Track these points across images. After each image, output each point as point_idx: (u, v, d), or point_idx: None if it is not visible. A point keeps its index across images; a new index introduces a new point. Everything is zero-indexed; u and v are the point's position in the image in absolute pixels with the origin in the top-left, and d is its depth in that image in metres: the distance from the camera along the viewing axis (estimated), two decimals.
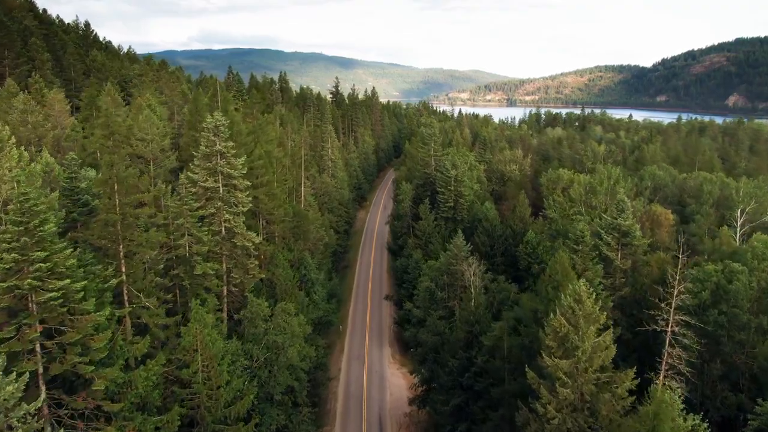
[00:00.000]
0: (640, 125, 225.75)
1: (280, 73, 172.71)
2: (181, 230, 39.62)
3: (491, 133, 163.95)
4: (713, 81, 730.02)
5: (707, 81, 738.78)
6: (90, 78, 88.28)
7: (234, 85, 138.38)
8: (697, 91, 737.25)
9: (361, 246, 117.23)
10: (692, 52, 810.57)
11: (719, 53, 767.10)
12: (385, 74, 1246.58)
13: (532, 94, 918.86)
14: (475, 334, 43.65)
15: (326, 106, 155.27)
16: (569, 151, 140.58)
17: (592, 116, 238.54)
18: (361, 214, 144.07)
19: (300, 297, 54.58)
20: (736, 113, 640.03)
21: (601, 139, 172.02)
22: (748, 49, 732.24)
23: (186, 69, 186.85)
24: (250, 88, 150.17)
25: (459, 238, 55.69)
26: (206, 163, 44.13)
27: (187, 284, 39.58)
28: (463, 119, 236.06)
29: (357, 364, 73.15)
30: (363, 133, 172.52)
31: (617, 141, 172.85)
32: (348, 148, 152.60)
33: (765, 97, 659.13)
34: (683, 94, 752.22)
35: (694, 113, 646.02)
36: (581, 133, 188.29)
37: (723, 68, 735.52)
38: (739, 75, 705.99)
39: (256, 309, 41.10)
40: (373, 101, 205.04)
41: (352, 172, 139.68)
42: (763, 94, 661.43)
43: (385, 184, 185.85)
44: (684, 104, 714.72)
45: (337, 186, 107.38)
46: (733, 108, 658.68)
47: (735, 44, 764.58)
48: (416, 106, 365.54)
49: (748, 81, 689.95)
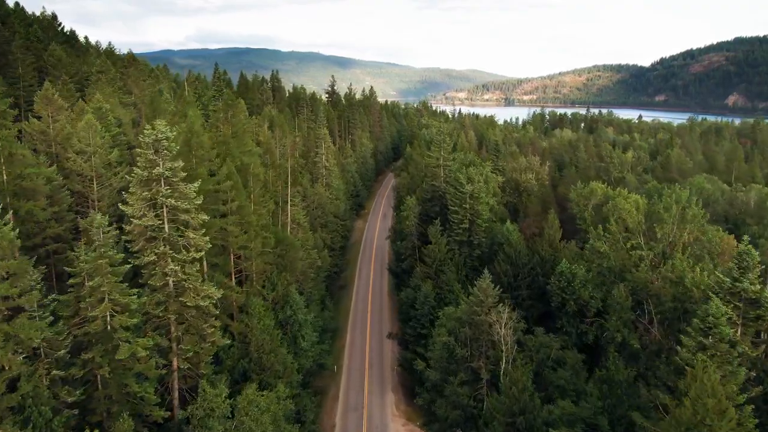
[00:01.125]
0: (651, 126, 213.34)
1: (273, 72, 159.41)
2: (96, 294, 26.71)
3: (498, 136, 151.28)
4: (712, 80, 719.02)
5: (706, 80, 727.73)
6: (48, 76, 75.38)
7: (219, 83, 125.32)
8: (696, 91, 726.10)
9: (359, 262, 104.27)
10: (691, 52, 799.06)
11: (718, 53, 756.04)
12: (383, 74, 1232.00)
13: (530, 93, 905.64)
14: (519, 429, 30.89)
15: (321, 107, 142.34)
16: (586, 155, 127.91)
17: (599, 117, 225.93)
18: (359, 223, 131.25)
19: (281, 357, 41.73)
20: (736, 113, 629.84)
21: (615, 142, 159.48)
22: (747, 48, 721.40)
23: (182, 68, 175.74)
24: (239, 87, 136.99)
25: (485, 281, 42.87)
26: (143, 191, 31.18)
27: (108, 374, 26.70)
28: (465, 120, 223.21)
29: (354, 416, 60.21)
30: (361, 136, 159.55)
31: (633, 144, 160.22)
32: (344, 152, 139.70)
33: (765, 97, 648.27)
34: (682, 93, 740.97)
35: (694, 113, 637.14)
36: (592, 135, 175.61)
37: (722, 67, 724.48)
38: (739, 74, 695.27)
39: (210, 404, 28.22)
40: (371, 101, 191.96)
41: (349, 178, 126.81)
42: (763, 94, 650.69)
43: (384, 189, 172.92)
44: (683, 104, 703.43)
45: (333, 196, 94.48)
46: (733, 107, 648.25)
47: (734, 43, 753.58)
48: (415, 106, 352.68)
49: (748, 80, 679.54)
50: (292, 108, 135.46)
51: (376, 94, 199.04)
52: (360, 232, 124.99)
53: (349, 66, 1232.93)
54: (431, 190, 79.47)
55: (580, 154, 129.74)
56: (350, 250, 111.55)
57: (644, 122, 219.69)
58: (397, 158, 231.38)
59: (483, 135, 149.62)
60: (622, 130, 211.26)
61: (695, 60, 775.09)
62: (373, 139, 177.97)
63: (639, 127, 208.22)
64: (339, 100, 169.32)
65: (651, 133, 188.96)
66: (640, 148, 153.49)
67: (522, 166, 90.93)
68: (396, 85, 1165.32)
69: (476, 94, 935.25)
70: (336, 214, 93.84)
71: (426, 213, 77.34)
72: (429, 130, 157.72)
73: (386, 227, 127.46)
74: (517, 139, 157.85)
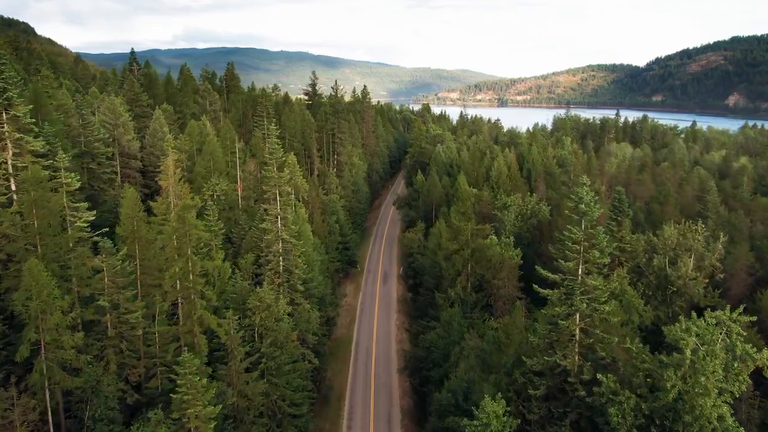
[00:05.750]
0: (707, 135, 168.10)
1: (228, 65, 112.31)
2: None
3: (538, 156, 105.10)
4: (711, 80, 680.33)
5: (705, 80, 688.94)
6: None
7: (131, 80, 78.22)
8: (695, 90, 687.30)
9: (348, 395, 57.56)
10: (687, 51, 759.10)
11: (715, 52, 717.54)
12: (373, 73, 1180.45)
13: (523, 93, 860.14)
14: None
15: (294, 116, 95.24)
16: (676, 191, 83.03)
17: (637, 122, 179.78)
18: (350, 293, 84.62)
19: None
20: (737, 113, 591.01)
21: (697, 162, 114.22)
22: (745, 47, 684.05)
23: (170, 68, 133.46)
24: (166, 87, 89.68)
25: None
26: None
27: None
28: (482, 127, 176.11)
29: None
30: (351, 153, 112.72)
31: (706, 163, 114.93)
32: (327, 181, 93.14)
33: (767, 97, 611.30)
34: (680, 93, 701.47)
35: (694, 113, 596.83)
36: (664, 150, 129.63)
37: (720, 67, 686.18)
38: (738, 74, 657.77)
39: None
40: (363, 104, 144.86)
41: (333, 226, 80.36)
42: (765, 94, 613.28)
43: (383, 221, 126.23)
44: (681, 104, 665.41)
45: (297, 311, 48.14)
46: (734, 108, 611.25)
47: (731, 43, 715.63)
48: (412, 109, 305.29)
49: (748, 80, 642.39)
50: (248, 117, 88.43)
51: (369, 95, 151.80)
52: (350, 312, 78.16)
53: (339, 66, 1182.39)
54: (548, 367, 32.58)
55: (667, 185, 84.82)
56: (335, 354, 64.98)
57: (693, 129, 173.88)
58: (396, 172, 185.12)
59: (523, 156, 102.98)
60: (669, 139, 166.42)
61: (692, 59, 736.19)
62: (367, 155, 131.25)
63: (697, 135, 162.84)
64: (321, 104, 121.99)
65: (717, 146, 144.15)
66: (711, 168, 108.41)
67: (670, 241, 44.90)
68: (386, 85, 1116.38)
69: (468, 95, 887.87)
70: (295, 359, 46.14)
71: None
72: (445, 147, 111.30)
73: (390, 298, 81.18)
74: (561, 158, 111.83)
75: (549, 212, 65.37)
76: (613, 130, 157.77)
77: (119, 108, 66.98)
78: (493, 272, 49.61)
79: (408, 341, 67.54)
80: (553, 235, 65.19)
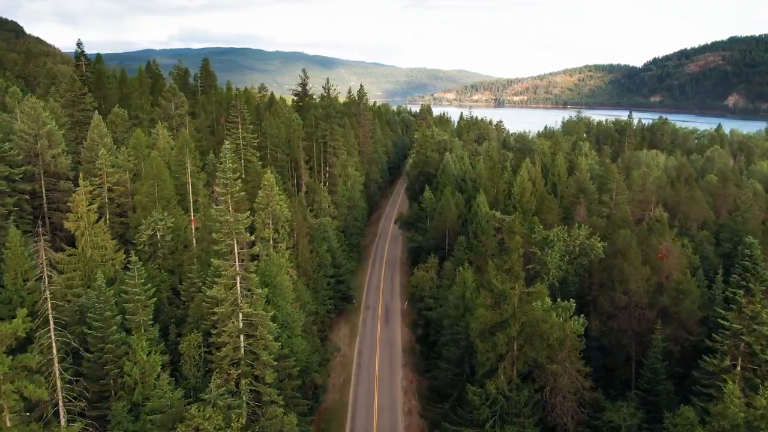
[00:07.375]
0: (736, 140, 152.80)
1: (203, 62, 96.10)
2: None
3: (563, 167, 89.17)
4: (710, 80, 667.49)
5: (703, 80, 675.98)
6: None
7: (72, 77, 61.91)
8: (694, 91, 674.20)
9: None
10: (685, 51, 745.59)
11: (714, 52, 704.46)
12: (368, 74, 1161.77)
13: (520, 94, 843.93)
14: None
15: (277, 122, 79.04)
16: None
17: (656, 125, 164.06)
18: (344, 339, 68.47)
19: None
20: (737, 114, 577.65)
21: (744, 173, 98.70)
22: (743, 47, 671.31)
23: (164, 68, 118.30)
24: (119, 86, 73.32)
25: None
26: None
27: None
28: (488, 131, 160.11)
29: None
30: (346, 163, 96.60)
31: (755, 174, 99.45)
32: (317, 200, 77.03)
33: (767, 98, 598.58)
34: (678, 93, 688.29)
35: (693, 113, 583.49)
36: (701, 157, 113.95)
37: (719, 67, 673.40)
38: (737, 74, 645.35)
39: None
40: (360, 106, 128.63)
41: (323, 257, 64.33)
42: (765, 94, 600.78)
43: (382, 238, 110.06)
44: (680, 104, 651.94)
45: (263, 419, 32.34)
46: (734, 108, 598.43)
47: (729, 43, 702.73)
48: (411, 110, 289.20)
49: (748, 80, 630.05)
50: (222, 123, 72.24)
51: (366, 95, 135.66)
52: (344, 364, 62.07)
53: (334, 66, 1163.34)
54: None
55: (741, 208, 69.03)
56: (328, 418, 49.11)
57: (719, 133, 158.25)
58: (395, 179, 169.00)
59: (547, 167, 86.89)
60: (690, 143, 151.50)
61: (690, 60, 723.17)
62: (364, 163, 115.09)
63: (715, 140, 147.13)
64: (311, 105, 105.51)
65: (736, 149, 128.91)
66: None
67: None
68: (382, 85, 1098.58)
69: (465, 95, 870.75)
70: None
71: None
72: (454, 156, 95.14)
73: (394, 345, 65.11)
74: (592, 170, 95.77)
75: (602, 249, 49.52)
76: (632, 134, 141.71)
77: (43, 114, 50.63)
78: (549, 351, 33.81)
79: (418, 412, 51.69)
80: (608, 281, 49.58)
